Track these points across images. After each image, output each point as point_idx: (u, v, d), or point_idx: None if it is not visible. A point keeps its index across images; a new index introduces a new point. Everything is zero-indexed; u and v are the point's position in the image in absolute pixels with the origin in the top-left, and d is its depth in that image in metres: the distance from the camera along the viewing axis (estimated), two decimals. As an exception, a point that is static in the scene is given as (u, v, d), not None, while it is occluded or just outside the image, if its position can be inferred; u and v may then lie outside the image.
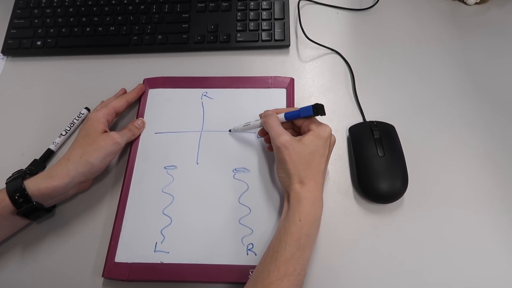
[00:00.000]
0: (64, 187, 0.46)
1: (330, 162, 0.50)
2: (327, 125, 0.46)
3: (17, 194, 0.44)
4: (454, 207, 0.50)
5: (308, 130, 0.45)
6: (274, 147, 0.46)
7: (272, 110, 0.50)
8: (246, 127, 0.52)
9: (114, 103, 0.54)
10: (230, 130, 0.55)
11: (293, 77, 0.58)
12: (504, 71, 0.59)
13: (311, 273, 0.46)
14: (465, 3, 0.65)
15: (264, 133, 0.50)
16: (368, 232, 0.49)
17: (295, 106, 0.55)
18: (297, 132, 0.49)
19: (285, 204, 0.45)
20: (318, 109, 0.45)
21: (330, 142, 0.46)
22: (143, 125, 0.55)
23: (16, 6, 0.67)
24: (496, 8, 0.65)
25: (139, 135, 0.55)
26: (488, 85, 0.58)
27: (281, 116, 0.48)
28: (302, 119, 0.47)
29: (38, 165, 0.54)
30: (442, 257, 0.47)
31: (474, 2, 0.64)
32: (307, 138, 0.44)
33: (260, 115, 0.51)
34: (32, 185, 0.45)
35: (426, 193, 0.50)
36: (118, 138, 0.50)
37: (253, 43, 0.62)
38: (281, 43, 0.62)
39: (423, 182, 0.51)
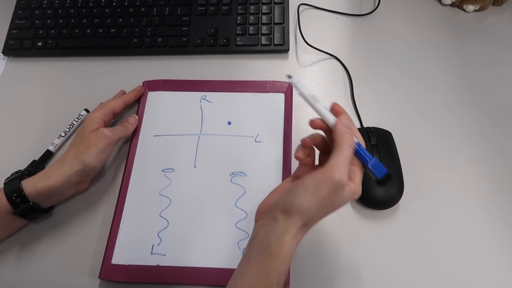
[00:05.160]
0: (60, 187, 0.47)
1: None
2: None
3: (15, 194, 0.44)
4: (449, 214, 0.50)
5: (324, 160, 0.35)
6: (323, 173, 0.34)
7: (353, 126, 0.38)
8: (311, 102, 0.40)
9: (111, 104, 0.54)
10: (290, 77, 0.42)
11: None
12: (501, 78, 0.59)
13: (305, 278, 0.46)
14: (464, 11, 0.65)
15: (320, 126, 0.39)
16: (363, 238, 0.49)
17: (304, 119, 0.41)
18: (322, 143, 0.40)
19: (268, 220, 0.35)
20: (387, 178, 0.37)
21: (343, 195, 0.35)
22: (135, 121, 0.56)
23: (17, 7, 0.67)
24: (495, 16, 0.65)
25: (135, 134, 0.55)
26: (485, 92, 0.58)
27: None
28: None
29: (37, 166, 0.54)
30: (438, 264, 0.47)
31: (473, 10, 0.64)
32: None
33: (334, 109, 0.39)
34: (29, 185, 0.45)
35: (421, 199, 0.51)
36: (107, 132, 0.50)
37: (252, 47, 0.62)
38: (281, 48, 0.62)
39: (419, 189, 0.51)
